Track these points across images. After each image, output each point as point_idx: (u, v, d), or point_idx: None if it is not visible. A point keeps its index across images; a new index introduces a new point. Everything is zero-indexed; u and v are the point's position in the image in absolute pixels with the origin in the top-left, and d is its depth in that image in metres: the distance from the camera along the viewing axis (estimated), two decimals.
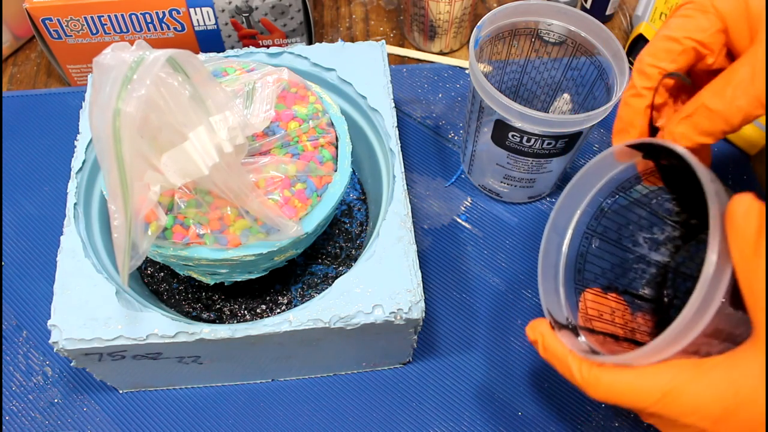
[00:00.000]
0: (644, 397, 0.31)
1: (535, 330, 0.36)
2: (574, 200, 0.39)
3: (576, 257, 0.40)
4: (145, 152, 0.32)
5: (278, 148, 0.40)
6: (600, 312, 0.39)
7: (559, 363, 0.35)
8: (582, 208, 0.39)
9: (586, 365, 0.33)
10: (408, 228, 0.41)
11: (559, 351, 0.35)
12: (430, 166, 0.57)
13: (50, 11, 0.54)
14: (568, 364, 0.34)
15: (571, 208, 0.39)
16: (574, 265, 0.40)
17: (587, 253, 0.40)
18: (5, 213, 0.54)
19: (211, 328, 0.38)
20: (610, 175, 0.38)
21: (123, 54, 0.30)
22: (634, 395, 0.31)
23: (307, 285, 0.48)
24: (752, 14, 0.34)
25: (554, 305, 0.37)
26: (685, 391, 0.29)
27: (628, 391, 0.31)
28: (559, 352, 0.35)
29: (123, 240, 0.32)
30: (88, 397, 0.46)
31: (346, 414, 0.46)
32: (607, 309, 0.39)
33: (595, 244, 0.40)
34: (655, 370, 0.31)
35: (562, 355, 0.34)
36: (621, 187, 0.39)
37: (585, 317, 0.38)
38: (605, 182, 0.38)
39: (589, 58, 0.49)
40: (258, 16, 0.58)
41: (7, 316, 0.49)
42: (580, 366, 0.33)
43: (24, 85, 0.63)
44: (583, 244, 0.40)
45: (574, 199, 0.39)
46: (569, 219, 0.39)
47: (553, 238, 0.39)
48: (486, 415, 0.46)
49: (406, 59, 0.65)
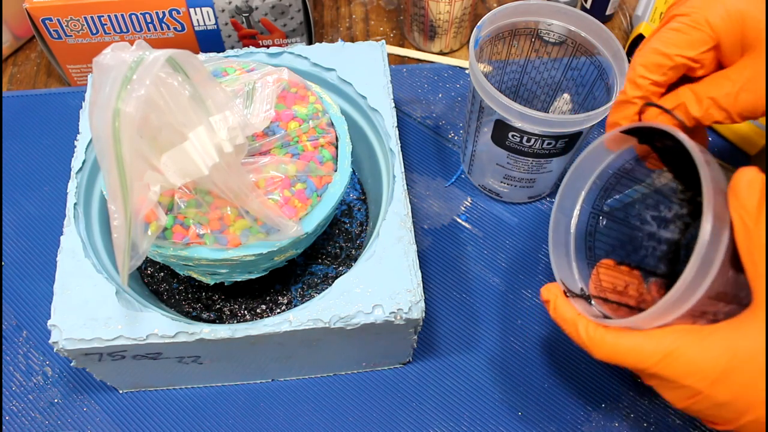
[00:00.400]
0: (646, 358, 0.32)
1: (550, 291, 0.38)
2: (578, 181, 0.40)
3: (585, 235, 0.40)
4: (144, 152, 0.32)
5: (278, 148, 0.40)
6: (614, 284, 0.40)
7: (566, 323, 0.36)
8: (586, 189, 0.40)
9: (593, 326, 0.34)
10: (408, 228, 0.41)
11: (569, 312, 0.36)
12: (430, 166, 0.57)
13: (50, 11, 0.54)
14: (575, 324, 0.35)
15: (575, 189, 0.40)
16: (584, 243, 0.40)
17: (596, 231, 0.41)
18: (5, 213, 0.54)
19: (211, 328, 0.38)
20: (611, 157, 0.39)
21: (123, 54, 0.30)
22: (636, 356, 0.32)
23: (307, 285, 0.48)
24: (748, 34, 0.34)
25: (568, 277, 0.39)
26: (684, 353, 0.31)
27: (630, 351, 0.32)
28: (569, 313, 0.36)
29: (123, 240, 0.32)
30: (88, 397, 0.46)
31: (346, 414, 0.46)
32: (621, 282, 0.40)
33: (603, 223, 0.41)
34: (659, 333, 0.32)
35: (570, 316, 0.36)
36: (622, 169, 0.39)
37: (599, 288, 0.39)
38: (607, 164, 0.39)
39: (589, 58, 0.49)
40: (258, 16, 0.58)
41: (7, 316, 0.49)
42: (586, 326, 0.34)
43: (24, 85, 0.63)
44: (590, 223, 0.41)
45: (578, 181, 0.40)
46: (575, 199, 0.40)
47: (560, 218, 0.40)
48: (486, 415, 0.46)
49: (406, 59, 0.65)
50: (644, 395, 0.46)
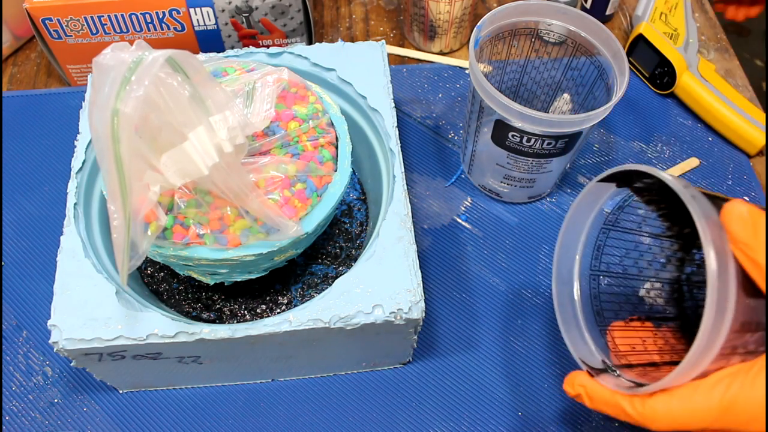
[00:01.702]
0: (704, 416, 0.30)
1: (574, 383, 0.36)
2: (569, 247, 0.39)
3: (590, 300, 0.40)
4: (144, 152, 0.32)
5: (278, 148, 0.40)
6: (632, 345, 0.39)
7: (609, 407, 0.34)
8: (579, 252, 0.39)
9: (638, 400, 0.33)
10: (408, 228, 0.41)
11: (607, 395, 0.34)
12: (430, 166, 0.57)
13: (50, 11, 0.54)
14: (620, 405, 0.33)
15: (568, 255, 0.39)
16: (591, 308, 0.40)
17: (599, 293, 0.40)
18: (5, 213, 0.54)
19: (211, 328, 0.38)
20: (594, 212, 0.39)
21: (122, 54, 0.30)
22: (694, 416, 0.31)
23: (307, 285, 0.48)
24: None
25: (586, 353, 0.37)
26: (742, 399, 0.29)
27: (687, 412, 0.31)
28: (607, 396, 0.34)
29: (122, 240, 0.32)
30: (88, 397, 0.46)
31: (346, 414, 0.46)
32: (637, 340, 0.39)
33: (604, 282, 0.41)
34: (706, 388, 0.31)
35: (610, 399, 0.34)
36: (608, 221, 0.39)
37: (618, 355, 0.38)
38: (592, 221, 0.39)
39: (589, 58, 0.49)
40: (258, 16, 0.58)
41: (7, 316, 0.49)
42: (632, 403, 0.33)
43: (24, 85, 0.63)
44: (593, 286, 0.40)
45: (569, 247, 0.39)
46: (571, 266, 0.40)
47: (563, 289, 0.39)
48: (486, 415, 0.46)
49: (406, 59, 0.65)
50: None
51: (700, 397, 0.30)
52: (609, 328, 0.39)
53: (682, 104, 0.61)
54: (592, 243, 0.40)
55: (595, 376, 0.35)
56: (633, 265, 0.42)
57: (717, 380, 0.30)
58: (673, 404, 0.31)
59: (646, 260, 0.43)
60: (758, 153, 0.59)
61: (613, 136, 0.60)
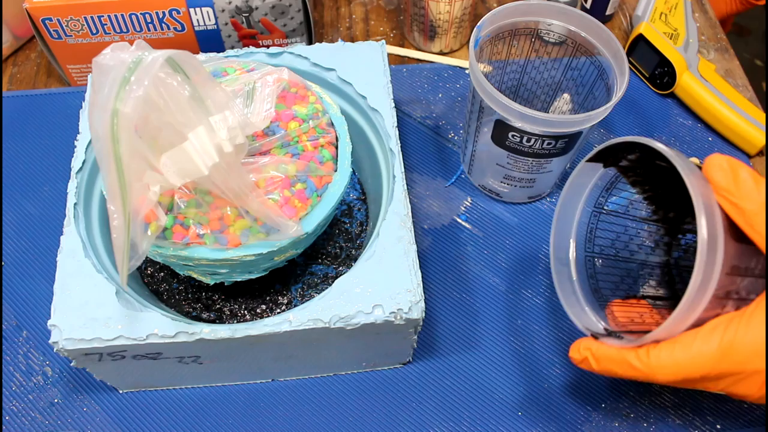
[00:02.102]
0: (706, 360, 0.32)
1: (580, 348, 0.37)
2: (563, 230, 0.41)
3: (588, 280, 0.41)
4: (144, 152, 0.32)
5: (278, 148, 0.40)
6: (630, 318, 0.40)
7: (616, 364, 0.35)
8: (573, 235, 0.41)
9: (643, 351, 0.34)
10: (408, 228, 0.41)
11: (612, 353, 0.35)
12: (430, 166, 0.57)
13: (50, 11, 0.54)
14: (626, 360, 0.35)
15: (563, 237, 0.41)
16: (588, 287, 0.41)
17: (595, 273, 0.42)
18: (5, 213, 0.54)
19: (211, 328, 0.38)
20: (585, 194, 0.41)
21: (122, 54, 0.30)
22: (696, 360, 0.32)
23: (307, 285, 0.48)
24: None
25: (588, 323, 0.39)
26: (739, 340, 0.31)
27: (689, 358, 0.32)
28: (613, 353, 0.35)
29: (122, 240, 0.32)
30: (88, 397, 0.46)
31: (346, 414, 0.46)
32: (635, 314, 0.41)
33: (599, 263, 0.42)
34: (705, 334, 0.32)
35: (616, 355, 0.35)
36: (598, 205, 0.41)
37: (618, 325, 0.39)
38: (584, 203, 0.41)
39: (589, 58, 0.49)
40: (258, 16, 0.58)
41: (7, 316, 0.49)
42: (637, 355, 0.34)
43: (24, 85, 0.63)
44: (588, 267, 0.42)
45: (564, 228, 0.41)
46: (566, 248, 0.41)
47: (561, 270, 0.41)
48: (486, 415, 0.46)
49: (406, 59, 0.65)
50: (644, 395, 0.46)
51: (699, 342, 0.32)
52: (608, 305, 0.41)
53: (682, 104, 0.61)
54: (584, 226, 0.41)
55: (601, 339, 0.37)
56: (624, 248, 0.44)
57: (714, 326, 0.32)
58: (676, 352, 0.33)
59: (636, 244, 0.44)
60: (758, 153, 0.59)
61: (613, 136, 0.60)
